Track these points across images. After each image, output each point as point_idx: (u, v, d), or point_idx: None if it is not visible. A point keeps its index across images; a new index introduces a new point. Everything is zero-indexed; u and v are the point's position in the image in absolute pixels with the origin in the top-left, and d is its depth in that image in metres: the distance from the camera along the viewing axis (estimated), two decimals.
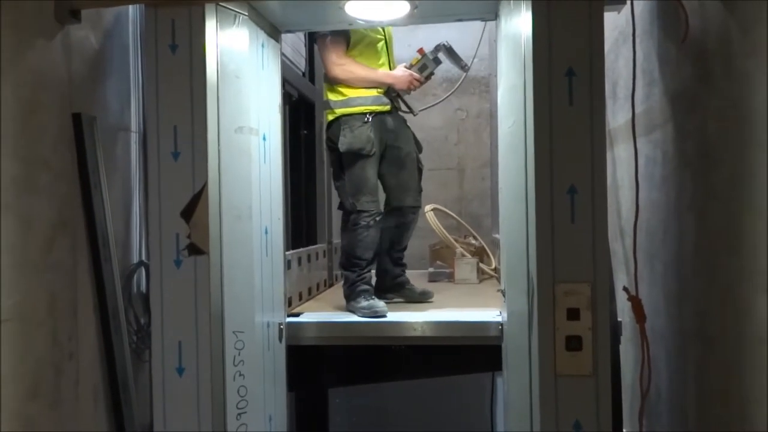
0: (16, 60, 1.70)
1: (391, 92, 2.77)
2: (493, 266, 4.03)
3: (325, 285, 3.63)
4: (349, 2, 2.16)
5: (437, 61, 2.81)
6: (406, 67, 2.80)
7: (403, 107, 2.88)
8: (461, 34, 4.88)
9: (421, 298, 2.95)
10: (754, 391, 1.44)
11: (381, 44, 2.83)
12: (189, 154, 1.89)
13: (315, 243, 3.73)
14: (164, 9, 1.89)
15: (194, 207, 1.88)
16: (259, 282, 2.16)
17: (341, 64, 2.70)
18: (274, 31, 2.38)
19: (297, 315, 2.64)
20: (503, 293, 2.21)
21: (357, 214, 2.72)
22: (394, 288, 2.97)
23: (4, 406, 1.59)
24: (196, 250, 1.87)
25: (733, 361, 1.56)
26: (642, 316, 1.85)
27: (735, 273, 1.54)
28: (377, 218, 2.75)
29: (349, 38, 2.73)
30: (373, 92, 2.75)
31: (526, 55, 1.77)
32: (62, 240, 1.87)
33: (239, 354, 1.97)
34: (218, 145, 1.94)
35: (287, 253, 2.66)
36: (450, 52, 2.79)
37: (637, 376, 2.03)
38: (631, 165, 2.16)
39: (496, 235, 2.92)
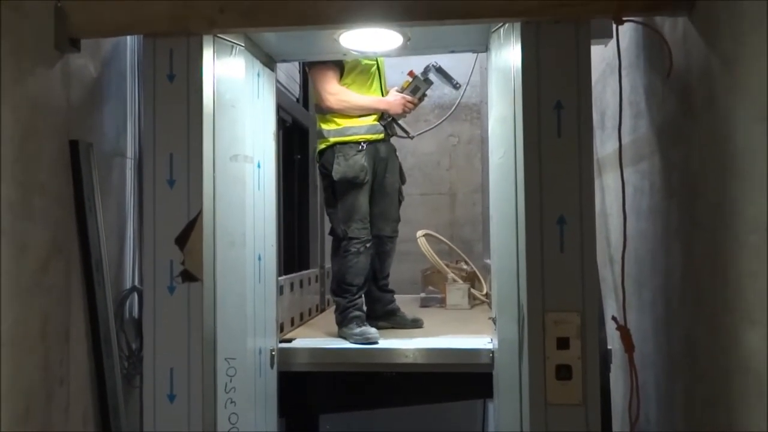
0: (16, 86, 1.73)
1: (385, 117, 2.80)
2: (485, 291, 4.05)
3: (317, 310, 3.64)
4: (343, 34, 2.21)
5: (428, 82, 2.85)
6: (398, 90, 2.85)
7: (399, 132, 2.92)
8: (454, 62, 4.98)
9: (412, 326, 2.98)
10: (741, 420, 1.45)
11: (373, 70, 2.88)
12: (184, 181, 1.92)
13: (307, 268, 3.75)
14: (163, 39, 1.93)
15: (189, 234, 1.90)
16: (251, 309, 2.17)
17: (335, 94, 2.74)
18: (269, 61, 2.43)
19: (289, 341, 2.65)
20: (494, 321, 2.23)
21: (348, 241, 2.75)
22: (384, 316, 3.00)
23: None
24: (189, 276, 1.89)
25: (720, 390, 1.58)
26: (630, 345, 1.86)
27: (720, 303, 1.57)
28: (367, 245, 2.78)
29: (342, 67, 2.78)
30: (368, 121, 2.79)
31: (515, 87, 1.82)
32: (56, 264, 1.88)
33: (231, 381, 1.98)
34: (213, 172, 1.96)
35: (280, 278, 2.67)
36: (440, 71, 2.83)
37: (627, 404, 2.04)
38: (618, 194, 2.20)
39: (488, 261, 2.95)
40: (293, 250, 3.78)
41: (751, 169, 1.38)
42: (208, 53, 1.95)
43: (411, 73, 2.89)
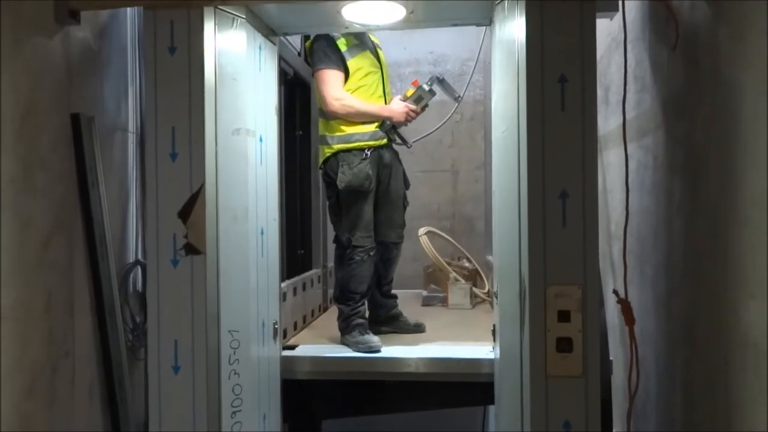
0: (15, 60, 1.71)
1: (386, 125, 2.80)
2: (486, 289, 4.06)
3: (320, 310, 3.66)
4: (346, 6, 2.19)
5: (432, 93, 2.86)
6: (401, 99, 2.84)
7: (398, 139, 2.91)
8: (459, 37, 4.93)
9: (414, 330, 3.01)
10: (739, 394, 1.47)
11: (377, 77, 2.86)
12: (187, 155, 1.91)
13: (310, 268, 3.74)
14: (163, 11, 1.91)
15: (191, 207, 1.90)
16: (254, 282, 2.18)
17: (340, 99, 2.71)
18: (271, 34, 2.40)
19: (292, 348, 2.68)
20: (495, 296, 2.24)
21: (352, 249, 2.76)
22: (387, 321, 3.03)
23: (2, 404, 1.61)
24: (192, 249, 1.89)
25: (719, 364, 1.59)
26: (631, 318, 1.88)
27: (721, 278, 1.57)
28: (371, 253, 2.79)
29: (347, 72, 2.76)
30: (371, 127, 2.77)
31: (519, 61, 1.80)
32: (59, 239, 1.89)
33: (234, 353, 2.00)
34: (216, 146, 1.96)
35: (282, 285, 2.69)
36: (443, 83, 2.85)
37: (627, 377, 2.07)
38: (621, 170, 2.19)
39: (489, 257, 2.96)
40: (296, 250, 3.76)
41: (755, 144, 1.37)
42: (209, 25, 1.93)
43: (415, 83, 2.89)
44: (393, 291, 3.10)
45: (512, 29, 1.88)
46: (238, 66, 2.08)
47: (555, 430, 1.74)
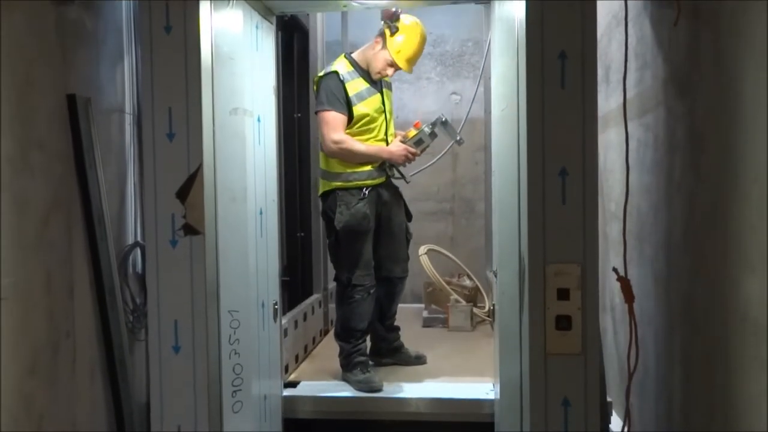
0: (10, 39, 1.69)
1: (385, 163, 2.81)
2: (487, 308, 4.07)
3: (321, 334, 3.67)
4: None
5: (433, 135, 2.86)
6: (401, 140, 2.83)
7: (396, 174, 2.92)
8: (458, 17, 4.89)
9: (415, 362, 3.04)
10: (738, 369, 1.47)
11: (381, 120, 2.84)
12: (184, 135, 1.90)
13: (311, 292, 3.76)
14: None
15: (189, 187, 1.89)
16: (254, 263, 2.18)
17: (338, 143, 2.70)
18: (268, 13, 2.38)
19: (294, 385, 2.69)
20: (495, 274, 2.24)
21: (352, 288, 2.76)
22: (390, 353, 3.05)
23: (4, 384, 1.62)
24: (191, 230, 1.89)
25: (718, 340, 1.59)
26: (630, 296, 1.88)
27: (721, 254, 1.57)
28: (371, 291, 2.80)
29: (351, 116, 2.74)
30: (369, 167, 2.77)
31: (519, 38, 1.78)
32: (57, 219, 1.88)
33: (234, 333, 2.00)
34: (213, 126, 1.95)
35: (284, 321, 2.70)
36: (446, 125, 2.85)
37: (626, 355, 2.07)
38: (622, 149, 2.18)
39: (490, 273, 2.98)
40: (297, 274, 3.77)
41: (756, 119, 1.36)
42: (205, 4, 1.91)
43: (417, 125, 2.89)
44: (395, 323, 3.13)
45: (512, 6, 1.86)
46: (235, 45, 2.06)
47: (554, 407, 1.75)
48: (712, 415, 1.64)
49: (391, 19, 2.71)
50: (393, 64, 2.76)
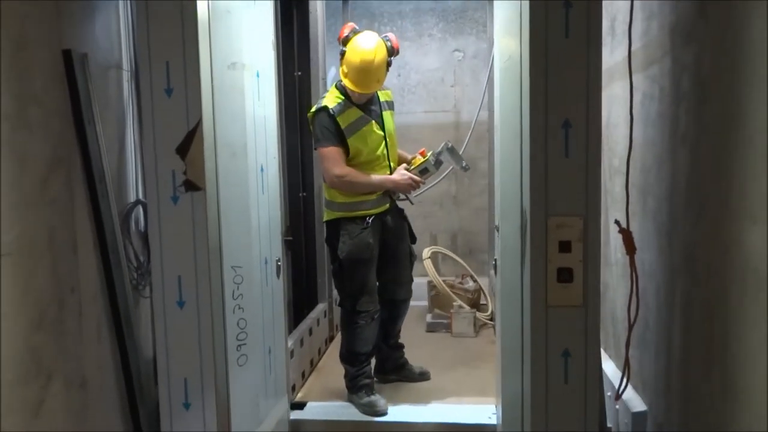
0: None
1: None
2: (490, 311, 4.08)
3: (326, 344, 3.72)
4: None
5: (439, 164, 2.84)
6: (406, 168, 2.81)
7: (401, 196, 2.92)
8: None
9: (419, 379, 3.10)
10: (738, 320, 1.48)
11: (381, 149, 2.80)
12: (182, 90, 1.88)
13: (316, 301, 3.79)
14: None
15: (189, 143, 1.88)
16: (256, 219, 2.18)
17: (341, 176, 2.68)
18: None
19: (301, 406, 2.74)
20: (497, 229, 2.24)
21: (356, 314, 2.78)
22: (394, 370, 3.11)
23: (11, 337, 1.64)
24: (192, 186, 1.89)
25: (719, 291, 1.60)
26: (632, 247, 1.88)
27: (723, 204, 1.56)
28: (375, 316, 2.82)
29: (347, 148, 2.70)
30: (373, 196, 2.76)
31: None
32: (58, 176, 1.88)
33: (238, 288, 2.02)
34: (211, 81, 1.92)
35: (290, 343, 2.73)
36: (452, 152, 2.82)
37: (626, 307, 2.08)
38: (626, 103, 2.14)
39: (493, 273, 3.00)
40: (302, 285, 3.79)
41: (763, 67, 1.33)
42: None
43: (422, 153, 2.86)
44: (400, 341, 3.17)
45: None
46: None
47: (554, 358, 1.77)
48: (710, 365, 1.66)
49: (340, 42, 2.72)
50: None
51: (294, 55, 3.76)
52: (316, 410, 2.75)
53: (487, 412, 2.63)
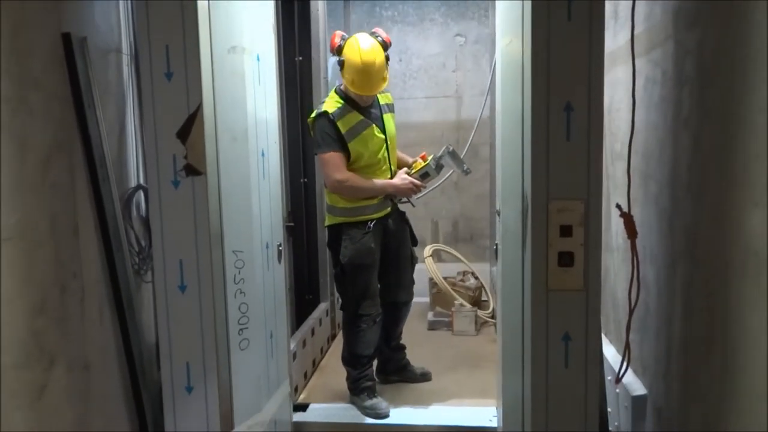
0: None
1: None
2: (491, 309, 4.09)
3: (328, 342, 3.73)
4: None
5: (439, 168, 2.83)
6: (406, 172, 2.81)
7: (403, 199, 2.92)
8: None
9: (421, 379, 3.12)
10: (738, 302, 1.48)
11: (383, 151, 2.79)
12: (182, 74, 1.87)
13: (318, 299, 3.80)
14: None
15: (189, 128, 1.88)
16: (257, 203, 2.18)
17: (342, 182, 2.67)
18: None
19: (304, 408, 2.76)
20: (498, 214, 2.24)
21: (358, 318, 2.78)
22: (396, 371, 3.13)
23: (13, 321, 1.65)
24: (193, 170, 1.89)
25: (719, 274, 1.60)
26: (633, 232, 1.88)
27: (725, 188, 1.56)
28: (377, 319, 2.83)
29: (348, 153, 2.70)
30: (374, 201, 2.75)
31: None
32: (59, 160, 1.88)
33: (239, 272, 2.02)
34: (211, 65, 1.91)
35: (292, 346, 2.73)
36: (453, 155, 2.81)
37: (627, 292, 2.09)
38: (629, 87, 2.13)
39: (494, 269, 3.00)
40: (303, 285, 3.79)
41: (764, 49, 1.32)
42: None
43: (423, 157, 2.85)
44: (401, 342, 3.19)
45: None
46: None
47: (555, 342, 1.77)
48: (710, 349, 1.66)
49: (333, 53, 2.72)
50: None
51: (295, 40, 3.74)
52: (318, 412, 2.79)
53: (488, 414, 2.66)
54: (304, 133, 3.80)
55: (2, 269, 1.61)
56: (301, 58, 3.78)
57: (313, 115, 2.78)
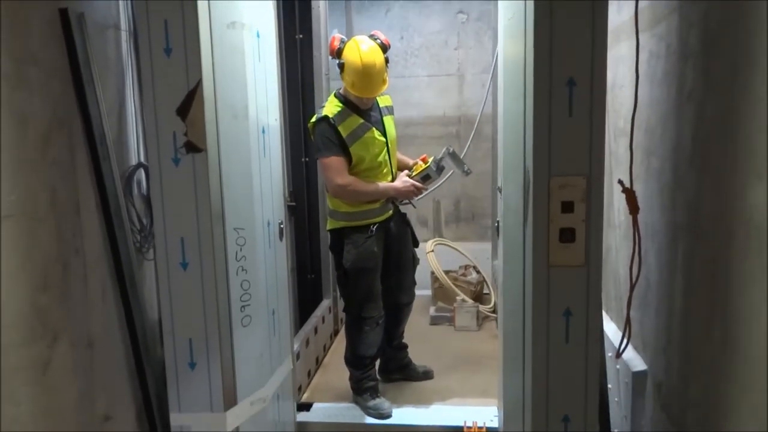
0: None
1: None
2: (493, 303, 4.10)
3: (331, 338, 3.74)
4: None
5: (440, 170, 2.82)
6: (407, 175, 2.79)
7: (404, 201, 2.91)
8: None
9: (423, 378, 3.14)
10: (739, 276, 1.48)
11: (383, 154, 2.77)
12: (181, 50, 1.86)
13: (321, 296, 3.82)
14: None
15: (189, 104, 1.86)
16: (258, 181, 2.18)
17: (344, 186, 2.66)
18: None
19: (307, 407, 2.77)
20: (500, 190, 2.23)
21: (361, 320, 2.79)
22: (398, 370, 3.15)
23: (16, 298, 1.66)
24: (193, 147, 1.88)
25: (721, 248, 1.60)
26: (635, 207, 1.87)
27: (729, 161, 1.55)
28: (380, 321, 2.84)
29: (350, 157, 2.68)
30: (376, 204, 2.74)
31: None
32: (59, 137, 1.87)
33: (241, 250, 2.02)
34: (211, 40, 1.89)
35: (295, 346, 2.74)
36: (453, 156, 2.80)
37: (628, 268, 2.09)
38: (632, 63, 2.11)
39: (497, 262, 2.99)
40: (306, 281, 3.80)
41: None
42: None
43: (424, 159, 2.84)
44: (403, 341, 3.20)
45: None
46: None
47: (556, 317, 1.78)
48: (711, 323, 1.67)
49: (333, 56, 2.70)
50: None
51: (295, 18, 3.70)
52: (322, 412, 2.81)
53: (489, 414, 2.68)
54: (305, 112, 3.78)
55: (3, 246, 1.61)
56: (301, 36, 3.75)
57: (313, 119, 2.77)
